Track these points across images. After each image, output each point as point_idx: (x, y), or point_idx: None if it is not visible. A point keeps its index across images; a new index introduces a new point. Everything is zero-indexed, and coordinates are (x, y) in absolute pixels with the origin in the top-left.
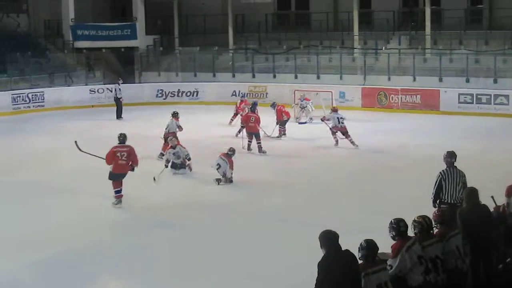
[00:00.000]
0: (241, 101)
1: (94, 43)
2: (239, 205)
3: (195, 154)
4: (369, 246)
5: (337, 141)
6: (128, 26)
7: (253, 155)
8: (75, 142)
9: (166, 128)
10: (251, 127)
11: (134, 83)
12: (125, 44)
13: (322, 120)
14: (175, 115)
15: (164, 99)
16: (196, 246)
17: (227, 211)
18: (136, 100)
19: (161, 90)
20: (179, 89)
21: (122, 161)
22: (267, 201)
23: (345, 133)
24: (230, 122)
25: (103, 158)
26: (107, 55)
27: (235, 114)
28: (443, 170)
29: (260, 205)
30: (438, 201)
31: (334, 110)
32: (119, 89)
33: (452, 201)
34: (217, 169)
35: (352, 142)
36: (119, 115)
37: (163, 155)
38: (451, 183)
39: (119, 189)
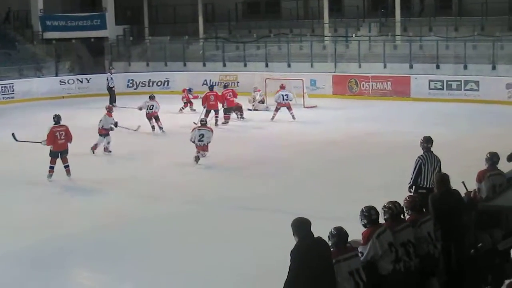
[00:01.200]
0: (184, 89)
1: (64, 33)
2: (213, 194)
3: (166, 141)
4: (339, 234)
5: (272, 117)
6: (97, 16)
7: (227, 143)
8: (12, 134)
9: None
10: (211, 105)
11: (104, 73)
12: (95, 34)
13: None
14: (110, 109)
15: (134, 89)
16: (172, 233)
17: (200, 199)
18: (106, 90)
19: (131, 80)
20: (149, 79)
21: (61, 140)
22: (241, 190)
23: (288, 108)
24: (181, 110)
25: (39, 142)
26: (77, 45)
27: (186, 103)
28: (421, 155)
29: (232, 194)
30: (414, 187)
31: (282, 87)
32: (111, 78)
33: (430, 186)
34: (201, 139)
35: (293, 116)
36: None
37: None
38: (428, 168)
39: (53, 165)
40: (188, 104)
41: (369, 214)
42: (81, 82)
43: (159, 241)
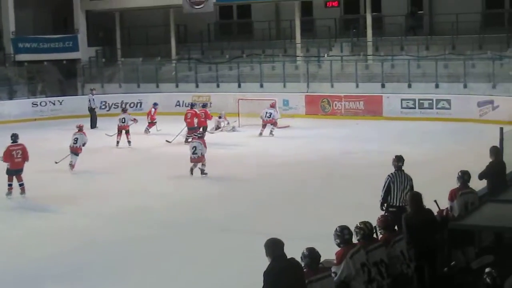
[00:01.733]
0: (155, 109)
1: (36, 55)
2: (184, 215)
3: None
4: (311, 254)
5: (260, 133)
6: (70, 38)
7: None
8: None
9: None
10: (188, 123)
11: (77, 95)
12: (67, 56)
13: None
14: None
15: (107, 110)
16: (145, 256)
17: (171, 223)
18: (79, 112)
19: (104, 101)
20: (122, 101)
21: (18, 159)
22: (213, 211)
23: (273, 124)
24: (146, 131)
25: None
26: (49, 67)
27: (150, 123)
28: (391, 173)
29: (204, 215)
30: (385, 205)
31: (271, 105)
32: (93, 99)
33: (399, 204)
34: (194, 151)
35: (271, 132)
36: (93, 125)
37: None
38: (398, 186)
39: (11, 183)
40: (153, 124)
41: (342, 234)
42: (54, 104)
43: (134, 264)
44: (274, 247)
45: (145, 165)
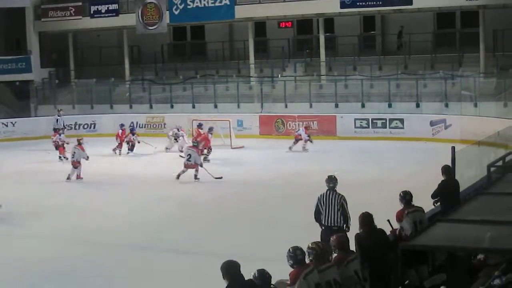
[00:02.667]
0: (123, 130)
1: None
2: (140, 236)
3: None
4: (261, 276)
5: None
6: (22, 59)
7: (151, 186)
8: None
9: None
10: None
11: (30, 116)
12: (20, 77)
13: None
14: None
15: None
16: (97, 275)
17: (128, 245)
18: (32, 134)
19: None
20: (76, 122)
21: None
22: (169, 231)
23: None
24: (115, 150)
25: None
26: (2, 88)
27: (120, 144)
28: (321, 194)
29: (161, 238)
30: (319, 224)
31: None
32: (60, 119)
33: (329, 224)
34: (189, 158)
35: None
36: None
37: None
38: (328, 207)
39: None
40: (121, 145)
41: (294, 255)
42: (6, 126)
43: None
44: (230, 269)
45: (104, 186)
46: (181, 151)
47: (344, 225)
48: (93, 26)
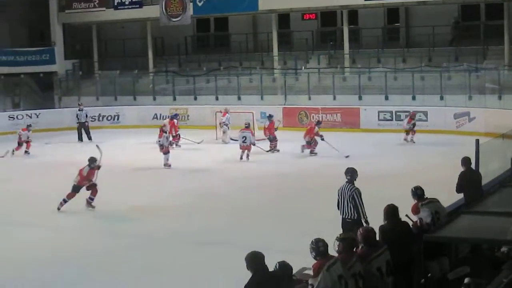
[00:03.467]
0: (171, 120)
1: (13, 68)
2: (164, 230)
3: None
4: (282, 268)
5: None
6: (46, 51)
7: (175, 177)
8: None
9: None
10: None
11: (54, 108)
12: (44, 69)
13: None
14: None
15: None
16: (125, 268)
17: (151, 236)
18: (56, 125)
19: None
20: (99, 114)
21: None
22: (190, 225)
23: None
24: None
25: None
26: (26, 80)
27: (174, 137)
28: (340, 186)
29: (183, 229)
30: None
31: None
32: (83, 113)
33: (343, 216)
34: (244, 141)
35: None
36: (89, 137)
37: None
38: (343, 198)
39: None
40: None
41: (317, 247)
42: (30, 117)
43: (108, 277)
44: (254, 260)
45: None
46: (232, 139)
47: (359, 218)
48: (117, 17)
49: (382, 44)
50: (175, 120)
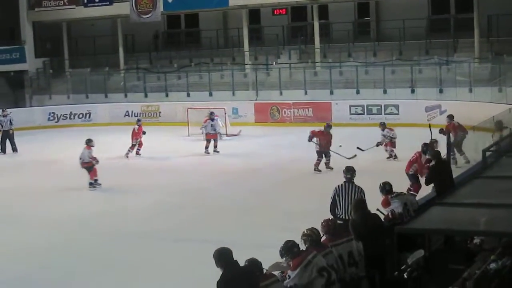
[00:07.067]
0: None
1: None
2: (135, 228)
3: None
4: (252, 264)
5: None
6: (16, 49)
7: (147, 173)
8: None
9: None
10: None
11: (25, 107)
12: (14, 67)
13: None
14: (88, 142)
15: (56, 122)
16: (100, 267)
17: (123, 235)
18: (27, 124)
19: (52, 113)
20: (71, 112)
21: None
22: (161, 222)
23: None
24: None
25: None
26: None
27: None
28: (338, 185)
29: (155, 227)
30: (334, 216)
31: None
32: (7, 120)
33: (347, 217)
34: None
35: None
36: (13, 148)
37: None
38: (345, 199)
39: None
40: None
41: (291, 251)
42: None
43: (84, 276)
44: (222, 256)
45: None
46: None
47: None
48: (87, 15)
49: (353, 39)
50: (136, 127)
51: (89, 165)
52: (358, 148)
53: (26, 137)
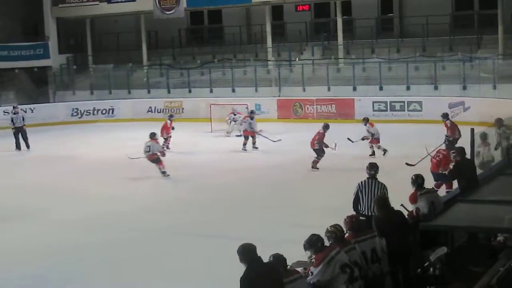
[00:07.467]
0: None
1: (6, 63)
2: (159, 222)
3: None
4: (276, 260)
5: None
6: (40, 45)
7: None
8: None
9: (147, 152)
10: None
11: (49, 102)
12: (38, 63)
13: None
14: (153, 136)
15: (79, 118)
16: (119, 261)
17: (146, 229)
18: (50, 120)
19: (76, 109)
20: (94, 107)
21: None
22: (184, 217)
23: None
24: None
25: None
26: (20, 75)
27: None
28: (361, 182)
29: (178, 222)
30: (356, 213)
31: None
32: (19, 117)
33: (370, 213)
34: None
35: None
36: (27, 144)
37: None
38: (368, 195)
39: None
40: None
41: (315, 244)
42: (25, 112)
43: (105, 271)
44: (246, 252)
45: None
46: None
47: None
48: (110, 11)
49: (376, 35)
50: (168, 122)
51: (156, 157)
52: (348, 139)
53: (50, 132)
